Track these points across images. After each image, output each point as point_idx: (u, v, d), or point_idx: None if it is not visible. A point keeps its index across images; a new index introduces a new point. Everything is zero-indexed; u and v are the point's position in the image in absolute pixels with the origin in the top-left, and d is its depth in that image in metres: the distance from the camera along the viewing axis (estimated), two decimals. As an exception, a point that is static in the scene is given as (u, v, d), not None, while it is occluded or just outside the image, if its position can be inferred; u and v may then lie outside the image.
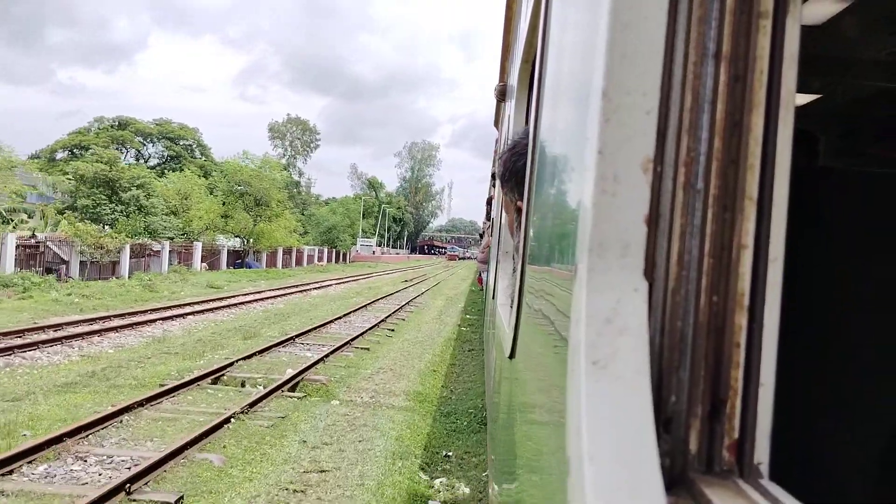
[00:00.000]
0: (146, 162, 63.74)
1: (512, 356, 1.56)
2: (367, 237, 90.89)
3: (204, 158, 65.45)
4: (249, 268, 41.88)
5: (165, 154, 66.08)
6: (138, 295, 21.80)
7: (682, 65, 0.62)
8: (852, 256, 0.98)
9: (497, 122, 7.17)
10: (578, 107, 0.77)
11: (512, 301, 1.61)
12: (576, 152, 0.77)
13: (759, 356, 0.61)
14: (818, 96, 2.97)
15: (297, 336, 14.11)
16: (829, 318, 0.95)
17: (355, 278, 40.02)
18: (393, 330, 16.65)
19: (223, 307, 19.62)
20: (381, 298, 24.71)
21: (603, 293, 0.61)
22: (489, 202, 9.65)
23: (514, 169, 1.76)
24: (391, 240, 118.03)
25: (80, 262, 26.89)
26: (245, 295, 23.67)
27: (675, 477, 0.60)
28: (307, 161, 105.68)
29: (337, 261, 68.34)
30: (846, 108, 3.05)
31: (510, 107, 3.89)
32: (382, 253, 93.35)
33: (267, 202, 44.01)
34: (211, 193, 44.51)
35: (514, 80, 3.53)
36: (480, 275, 18.05)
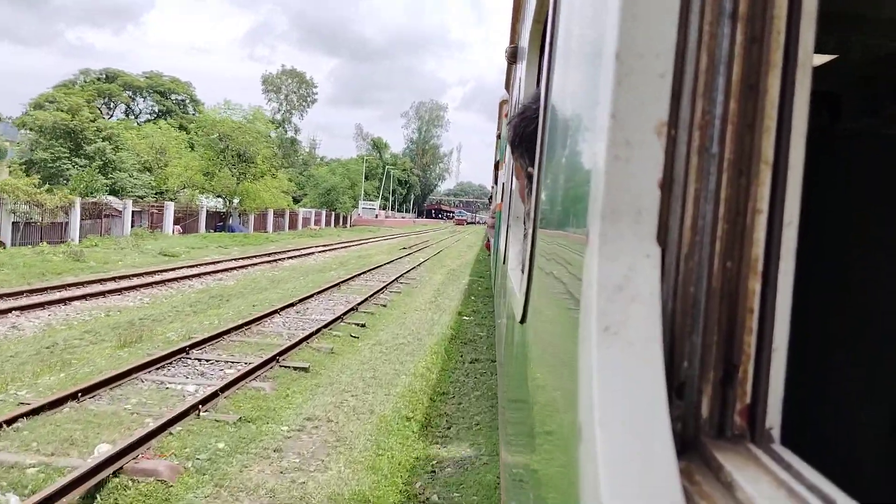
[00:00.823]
0: (136, 118, 60.59)
1: (523, 321, 1.57)
2: (370, 200, 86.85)
3: (197, 114, 59.66)
4: (232, 231, 37.02)
5: (156, 109, 63.11)
6: (53, 266, 16.55)
7: (698, 25, 0.61)
8: (871, 219, 0.97)
9: (508, 85, 7.10)
10: (590, 69, 0.76)
11: (523, 266, 1.61)
12: (588, 116, 0.76)
13: (772, 321, 0.60)
14: (835, 56, 2.91)
15: (198, 345, 8.55)
16: (845, 283, 0.94)
17: (348, 244, 34.47)
18: (363, 325, 11.04)
19: (148, 284, 14.73)
20: (367, 272, 19.50)
21: (615, 260, 0.61)
22: (497, 165, 9.42)
23: (525, 134, 1.73)
24: (397, 203, 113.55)
25: (13, 223, 22.52)
26: (197, 266, 18.96)
27: (687, 442, 0.60)
28: (303, 116, 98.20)
29: (336, 224, 63.92)
30: (864, 68, 2.99)
31: (521, 69, 3.84)
32: (386, 217, 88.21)
33: (251, 158, 38.62)
34: (192, 148, 39.29)
35: (525, 41, 3.48)
36: (489, 240, 17.21)
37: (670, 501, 0.52)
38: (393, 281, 17.63)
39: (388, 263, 23.06)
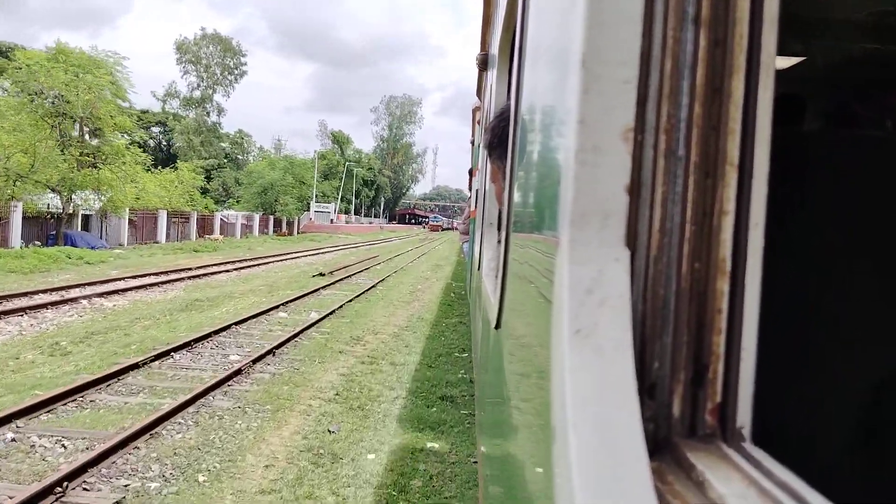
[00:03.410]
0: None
1: (498, 326, 1.57)
2: (327, 202, 72.64)
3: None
4: (73, 245, 23.28)
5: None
6: None
7: (662, 30, 0.62)
8: (839, 220, 0.98)
9: (479, 92, 7.12)
10: (558, 77, 0.77)
11: (497, 272, 1.61)
12: (556, 122, 0.77)
13: (740, 321, 0.61)
14: (801, 59, 2.97)
15: None
16: (816, 284, 0.96)
17: (239, 266, 21.18)
18: None
19: None
20: (139, 368, 7.75)
21: (584, 264, 0.61)
22: (471, 173, 9.34)
23: (503, 136, 1.72)
24: (363, 207, 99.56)
25: None
26: None
27: (659, 442, 0.61)
28: (229, 93, 76.69)
29: (277, 231, 50.04)
30: (828, 71, 3.05)
31: (492, 76, 3.85)
32: (347, 222, 73.49)
33: (101, 130, 24.78)
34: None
35: (495, 49, 3.50)
36: (463, 246, 14.88)
37: (643, 502, 0.52)
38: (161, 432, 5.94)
39: (223, 331, 10.29)
